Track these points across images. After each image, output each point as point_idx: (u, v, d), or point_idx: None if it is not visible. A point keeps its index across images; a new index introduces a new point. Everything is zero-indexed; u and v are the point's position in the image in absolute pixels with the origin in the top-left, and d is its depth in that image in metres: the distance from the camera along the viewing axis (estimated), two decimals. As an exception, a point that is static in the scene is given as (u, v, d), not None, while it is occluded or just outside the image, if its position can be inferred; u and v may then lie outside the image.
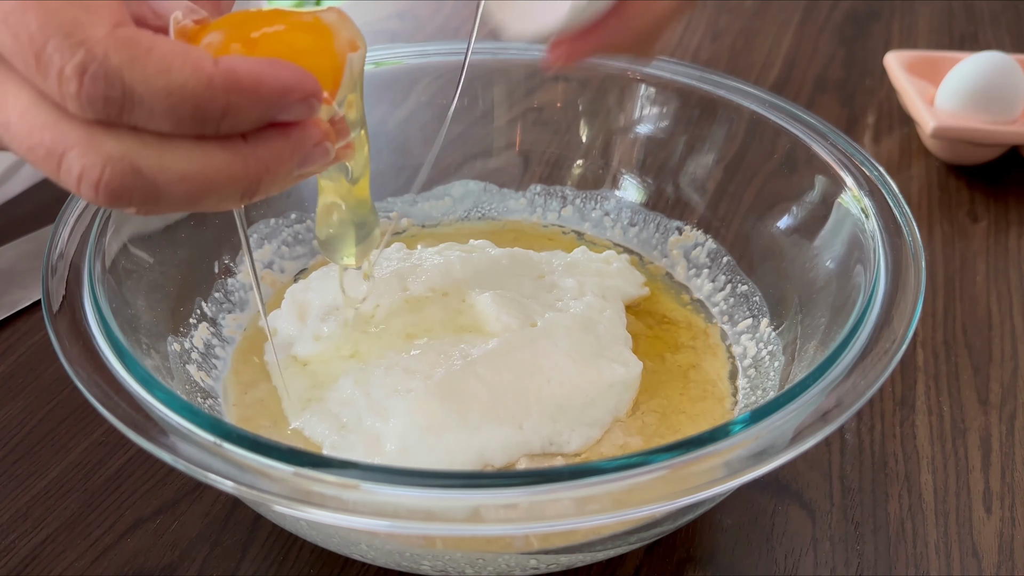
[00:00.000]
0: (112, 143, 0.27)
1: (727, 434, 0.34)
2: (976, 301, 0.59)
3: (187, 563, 0.43)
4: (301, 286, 0.52)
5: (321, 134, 0.30)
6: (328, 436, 0.43)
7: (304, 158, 0.30)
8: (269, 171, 0.29)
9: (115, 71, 0.26)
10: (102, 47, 0.26)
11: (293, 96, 0.28)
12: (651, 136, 0.58)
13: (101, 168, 0.27)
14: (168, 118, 0.27)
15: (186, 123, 0.27)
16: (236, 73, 0.27)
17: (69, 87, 0.26)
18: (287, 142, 0.29)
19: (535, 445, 0.43)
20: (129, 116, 0.27)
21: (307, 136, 0.30)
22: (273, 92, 0.28)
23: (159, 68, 0.27)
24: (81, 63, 0.26)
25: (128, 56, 0.26)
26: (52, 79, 0.26)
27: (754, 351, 0.49)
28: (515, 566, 0.39)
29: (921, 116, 0.70)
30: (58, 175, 0.28)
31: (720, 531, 0.45)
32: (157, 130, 0.27)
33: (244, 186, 0.29)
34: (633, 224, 0.58)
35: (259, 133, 0.29)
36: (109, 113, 0.27)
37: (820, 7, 0.96)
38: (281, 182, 0.30)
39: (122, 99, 0.26)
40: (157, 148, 0.28)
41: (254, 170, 0.29)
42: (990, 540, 0.45)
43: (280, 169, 0.29)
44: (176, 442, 0.34)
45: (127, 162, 0.27)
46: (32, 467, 0.47)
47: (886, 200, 0.46)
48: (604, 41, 0.40)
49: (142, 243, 0.47)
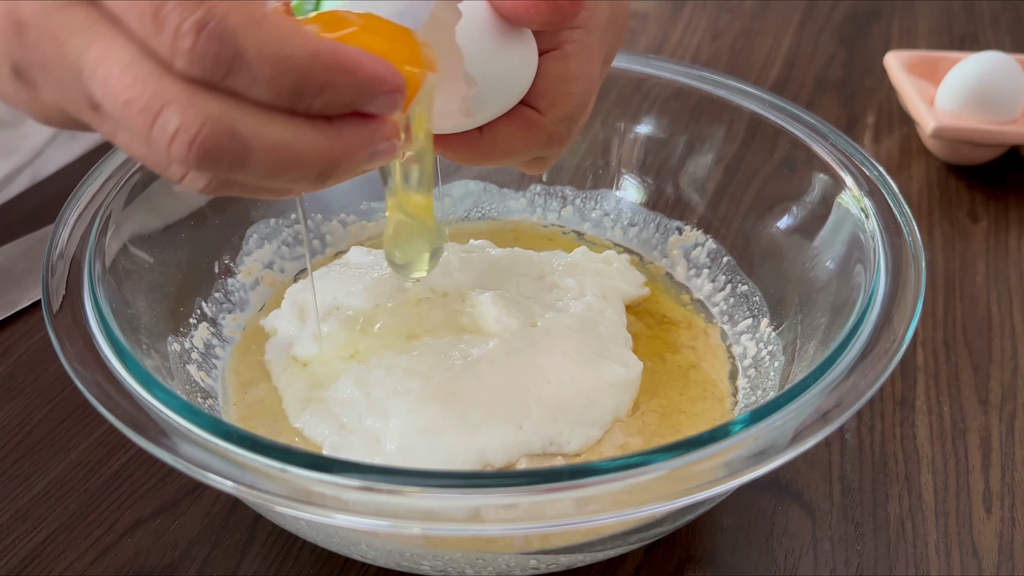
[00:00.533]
0: (213, 103, 0.28)
1: (727, 434, 0.34)
2: (976, 301, 0.59)
3: (187, 563, 0.43)
4: (301, 286, 0.52)
5: (394, 131, 0.32)
6: (328, 436, 0.43)
7: (376, 151, 0.31)
8: (347, 156, 0.31)
9: (231, 32, 0.27)
10: (222, 8, 0.27)
11: (383, 87, 0.30)
12: (651, 136, 0.58)
13: (200, 125, 0.28)
14: (270, 86, 0.28)
15: (285, 94, 0.28)
16: (339, 54, 0.29)
17: (184, 42, 0.27)
18: (366, 131, 0.31)
19: (535, 445, 0.43)
20: (233, 79, 0.28)
21: (383, 130, 0.31)
22: (368, 79, 0.29)
23: (273, 36, 0.28)
24: (201, 19, 0.27)
25: (246, 20, 0.27)
26: (167, 34, 0.27)
27: (754, 351, 0.49)
28: (515, 566, 0.40)
29: (921, 116, 0.70)
30: (150, 131, 0.28)
31: (720, 531, 0.45)
32: (255, 97, 0.28)
33: (323, 166, 0.30)
34: (633, 224, 0.58)
35: (343, 118, 0.30)
36: (216, 73, 0.27)
37: (820, 7, 0.96)
38: (353, 170, 0.31)
39: (232, 60, 0.27)
40: (254, 114, 0.29)
41: (335, 153, 0.30)
42: (990, 540, 0.45)
43: (356, 156, 0.31)
44: (176, 442, 0.34)
45: (225, 123, 0.28)
46: (32, 467, 0.47)
47: (886, 200, 0.46)
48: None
49: (142, 243, 0.47)
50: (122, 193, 0.46)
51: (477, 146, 0.39)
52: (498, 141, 0.39)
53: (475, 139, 0.39)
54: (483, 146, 0.39)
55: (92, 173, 0.47)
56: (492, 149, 0.39)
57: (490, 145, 0.39)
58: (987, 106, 0.69)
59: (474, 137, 0.39)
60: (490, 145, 0.39)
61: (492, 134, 0.39)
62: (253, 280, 0.53)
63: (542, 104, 0.38)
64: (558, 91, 0.38)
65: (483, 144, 0.39)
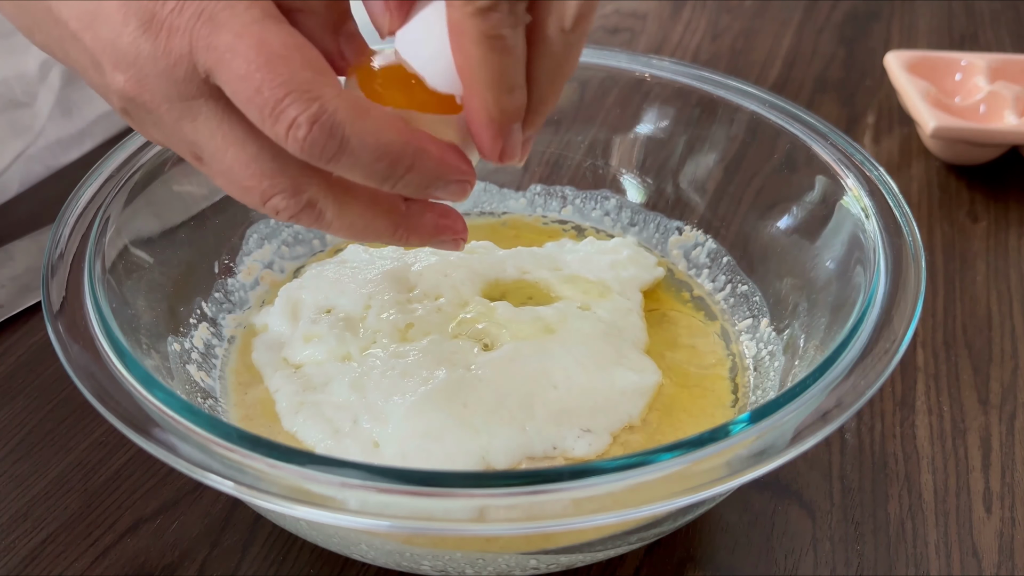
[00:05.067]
0: (311, 191, 0.34)
1: (727, 434, 0.34)
2: (976, 301, 0.59)
3: (187, 563, 0.43)
4: (296, 284, 0.52)
5: (462, 229, 0.39)
6: (322, 440, 0.43)
7: (440, 243, 0.39)
8: (414, 235, 0.37)
9: (340, 124, 0.31)
10: (333, 104, 0.31)
11: (456, 175, 0.35)
12: (651, 136, 0.58)
13: (298, 210, 0.34)
14: (366, 169, 0.33)
15: (377, 176, 0.33)
16: (426, 147, 0.34)
17: (299, 132, 0.31)
18: (435, 225, 0.38)
19: (538, 448, 0.43)
20: (336, 163, 0.32)
21: (448, 230, 0.38)
22: (446, 167, 0.34)
23: (374, 127, 0.32)
24: (314, 114, 0.31)
25: (352, 114, 0.32)
26: (283, 124, 0.31)
27: (754, 351, 0.49)
28: (515, 566, 0.39)
29: (921, 116, 0.69)
30: (260, 207, 0.35)
31: (720, 531, 0.45)
32: (350, 178, 0.34)
33: (390, 239, 0.37)
34: (633, 224, 0.58)
35: (419, 204, 0.37)
36: (322, 158, 0.32)
37: (820, 7, 0.96)
38: (418, 245, 0.39)
39: (338, 148, 0.32)
40: (341, 199, 0.35)
41: (403, 232, 0.37)
42: (990, 540, 0.45)
43: (419, 239, 0.38)
44: (176, 442, 0.34)
45: (317, 210, 0.35)
46: (32, 467, 0.47)
47: (886, 200, 0.46)
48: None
49: (142, 243, 0.47)
50: (122, 193, 0.46)
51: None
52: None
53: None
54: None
55: (92, 173, 0.47)
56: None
57: None
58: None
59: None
60: None
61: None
62: (253, 280, 0.53)
63: None
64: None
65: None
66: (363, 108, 0.32)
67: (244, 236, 0.54)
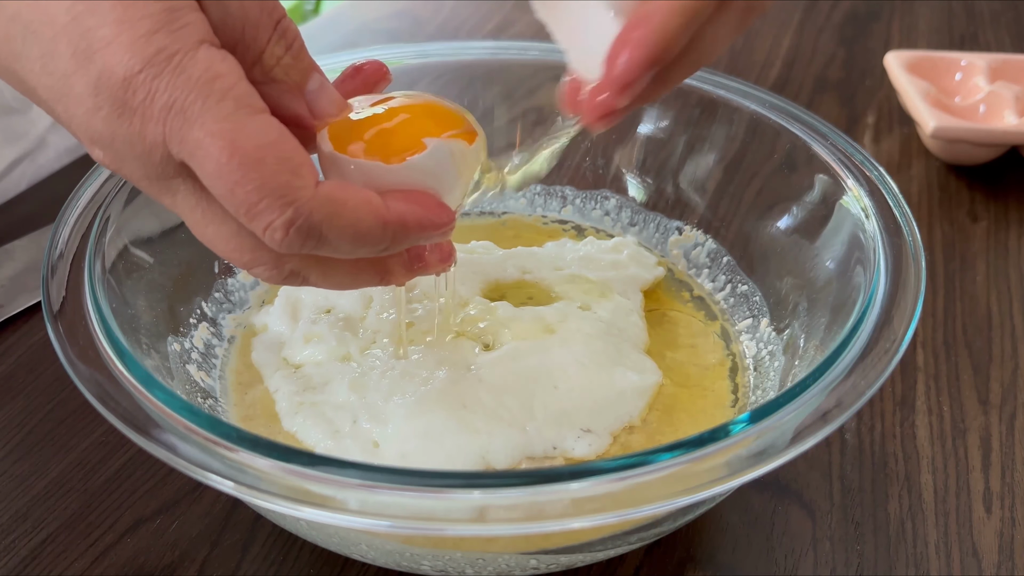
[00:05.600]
0: (293, 263, 0.34)
1: (727, 434, 0.34)
2: (976, 301, 0.59)
3: (187, 563, 0.43)
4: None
5: (448, 260, 0.40)
6: (322, 440, 0.43)
7: (424, 274, 0.39)
8: (402, 277, 0.38)
9: (316, 225, 0.31)
10: (308, 207, 0.31)
11: (436, 231, 0.35)
12: (651, 136, 0.58)
13: (281, 279, 0.35)
14: (347, 255, 0.34)
15: (357, 256, 0.34)
16: (404, 218, 0.34)
17: (275, 235, 0.31)
18: (422, 261, 0.38)
19: (538, 448, 0.43)
20: (315, 252, 0.33)
21: (433, 265, 0.39)
22: (425, 230, 0.34)
23: (350, 221, 0.32)
24: (289, 219, 0.31)
25: (328, 213, 0.31)
26: (258, 225, 0.31)
27: (754, 351, 0.49)
28: (515, 566, 0.39)
29: (921, 116, 0.69)
30: (247, 271, 0.35)
31: (720, 531, 0.45)
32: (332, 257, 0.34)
33: (378, 284, 0.38)
34: (633, 224, 0.58)
35: (401, 254, 0.37)
36: (301, 252, 0.32)
37: (820, 7, 0.96)
38: (405, 282, 0.39)
39: (316, 244, 0.32)
40: (325, 269, 0.35)
41: (387, 279, 0.38)
42: (990, 540, 0.45)
43: (408, 277, 0.39)
44: (176, 442, 0.34)
45: (301, 277, 0.35)
46: (32, 467, 0.47)
47: (886, 200, 0.46)
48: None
49: (142, 243, 0.47)
50: (122, 193, 0.46)
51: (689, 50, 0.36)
52: None
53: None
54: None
55: (92, 173, 0.47)
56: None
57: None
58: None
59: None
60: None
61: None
62: (253, 280, 0.53)
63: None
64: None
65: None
66: (339, 203, 0.32)
67: (244, 236, 0.54)
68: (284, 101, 0.34)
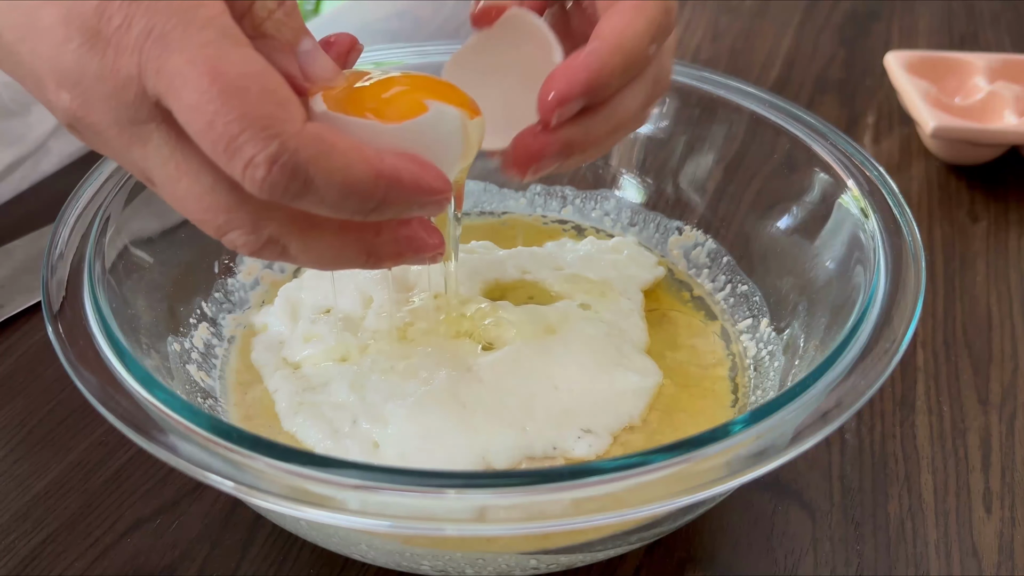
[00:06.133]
0: (272, 227, 0.32)
1: (727, 434, 0.34)
2: (976, 301, 0.59)
3: (187, 563, 0.43)
4: (295, 284, 0.52)
5: (438, 247, 0.35)
6: (321, 441, 0.43)
7: (419, 259, 0.35)
8: (387, 259, 0.34)
9: (303, 164, 0.29)
10: (294, 142, 0.29)
11: (433, 197, 0.32)
12: (651, 136, 0.58)
13: (258, 247, 0.32)
14: (334, 207, 0.30)
15: (345, 211, 0.31)
16: (399, 173, 0.31)
17: (256, 172, 0.29)
18: (409, 244, 0.34)
19: (538, 448, 0.43)
20: (299, 202, 0.30)
21: (425, 247, 0.34)
22: (420, 192, 0.32)
23: (341, 164, 0.29)
24: (273, 154, 0.28)
25: (316, 152, 0.29)
26: (238, 163, 0.29)
27: (754, 351, 0.49)
28: (515, 566, 0.39)
29: (921, 116, 0.69)
30: (219, 239, 0.32)
31: (720, 531, 0.45)
32: (316, 213, 0.31)
33: (362, 266, 0.34)
34: (633, 224, 0.58)
35: (390, 230, 0.34)
36: (283, 198, 0.30)
37: (820, 7, 0.96)
38: (392, 266, 0.35)
39: (301, 189, 0.29)
40: (306, 234, 0.32)
41: (375, 259, 0.34)
42: (990, 540, 0.45)
43: (394, 261, 0.34)
44: (176, 442, 0.34)
45: (280, 245, 0.32)
46: (32, 467, 0.47)
47: (886, 200, 0.46)
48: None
49: (142, 243, 0.47)
50: (122, 193, 0.46)
51: (607, 118, 0.37)
52: (624, 39, 0.36)
53: (598, 119, 0.37)
54: (611, 109, 0.37)
55: (92, 173, 0.47)
56: (624, 52, 0.36)
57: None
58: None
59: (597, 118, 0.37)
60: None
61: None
62: (253, 280, 0.53)
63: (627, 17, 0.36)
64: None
65: (610, 108, 0.37)
66: (328, 144, 0.29)
67: (244, 236, 0.54)
68: (274, 59, 0.32)
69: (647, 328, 0.50)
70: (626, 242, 0.56)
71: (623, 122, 0.38)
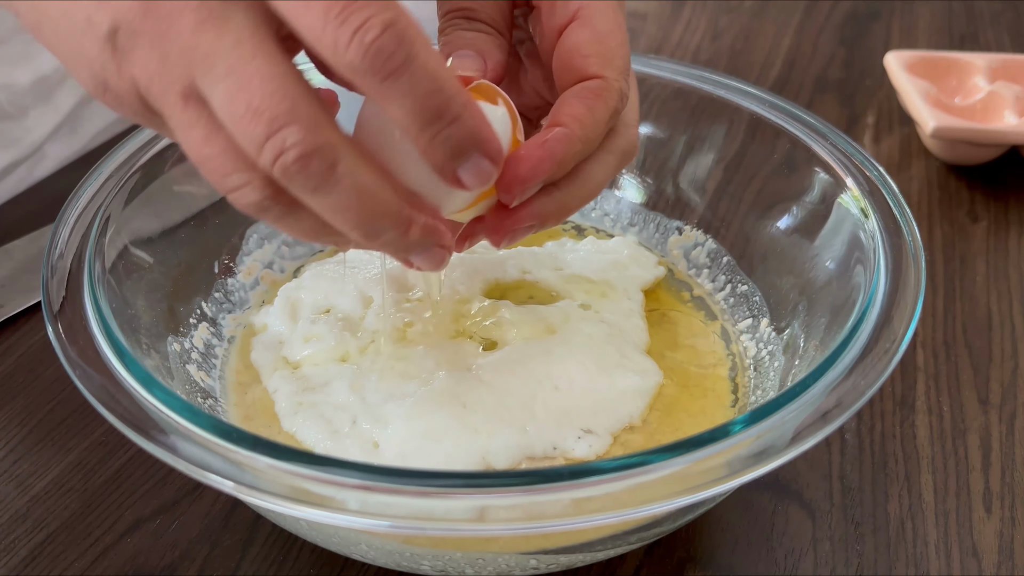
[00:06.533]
0: (333, 133, 0.30)
1: (727, 434, 0.34)
2: (976, 301, 0.59)
3: (187, 563, 0.43)
4: (294, 284, 0.52)
5: (448, 247, 0.34)
6: (321, 441, 0.43)
7: (429, 254, 0.34)
8: (409, 242, 0.33)
9: (410, 39, 0.29)
10: (407, 18, 0.29)
11: (491, 148, 0.32)
12: (651, 136, 0.58)
13: (311, 149, 0.29)
14: (421, 99, 0.30)
15: (427, 112, 0.30)
16: (473, 107, 0.31)
17: (368, 34, 0.28)
18: (430, 234, 0.33)
19: (538, 449, 0.43)
20: (394, 82, 0.29)
21: (443, 240, 0.34)
22: (483, 137, 0.32)
23: (438, 59, 0.30)
24: (389, 20, 0.28)
25: (424, 37, 0.29)
26: (349, 25, 0.28)
27: (754, 351, 0.49)
28: (515, 566, 0.39)
29: (921, 116, 0.69)
30: (260, 147, 0.29)
31: (720, 531, 0.45)
32: (400, 107, 0.30)
33: (385, 237, 0.33)
34: (633, 224, 0.58)
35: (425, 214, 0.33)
36: (384, 68, 0.29)
37: (820, 7, 0.96)
38: (395, 250, 0.34)
39: (402, 63, 0.29)
40: (359, 161, 0.31)
41: (401, 229, 0.32)
42: (990, 540, 0.45)
43: (412, 251, 0.34)
44: (176, 442, 0.34)
45: (332, 147, 0.30)
46: (32, 467, 0.47)
47: (886, 200, 0.46)
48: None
49: (142, 243, 0.47)
50: (122, 193, 0.46)
51: (572, 178, 0.39)
52: (586, 127, 0.37)
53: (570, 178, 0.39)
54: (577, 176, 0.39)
55: (92, 173, 0.47)
56: (585, 140, 0.37)
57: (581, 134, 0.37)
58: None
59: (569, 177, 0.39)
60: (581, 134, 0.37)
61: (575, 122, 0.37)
62: (253, 280, 0.53)
63: (595, 66, 0.38)
64: (603, 51, 0.38)
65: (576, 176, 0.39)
66: (424, 44, 0.29)
67: (244, 236, 0.54)
68: None
69: (647, 328, 0.50)
70: (626, 242, 0.56)
71: (593, 191, 0.40)
